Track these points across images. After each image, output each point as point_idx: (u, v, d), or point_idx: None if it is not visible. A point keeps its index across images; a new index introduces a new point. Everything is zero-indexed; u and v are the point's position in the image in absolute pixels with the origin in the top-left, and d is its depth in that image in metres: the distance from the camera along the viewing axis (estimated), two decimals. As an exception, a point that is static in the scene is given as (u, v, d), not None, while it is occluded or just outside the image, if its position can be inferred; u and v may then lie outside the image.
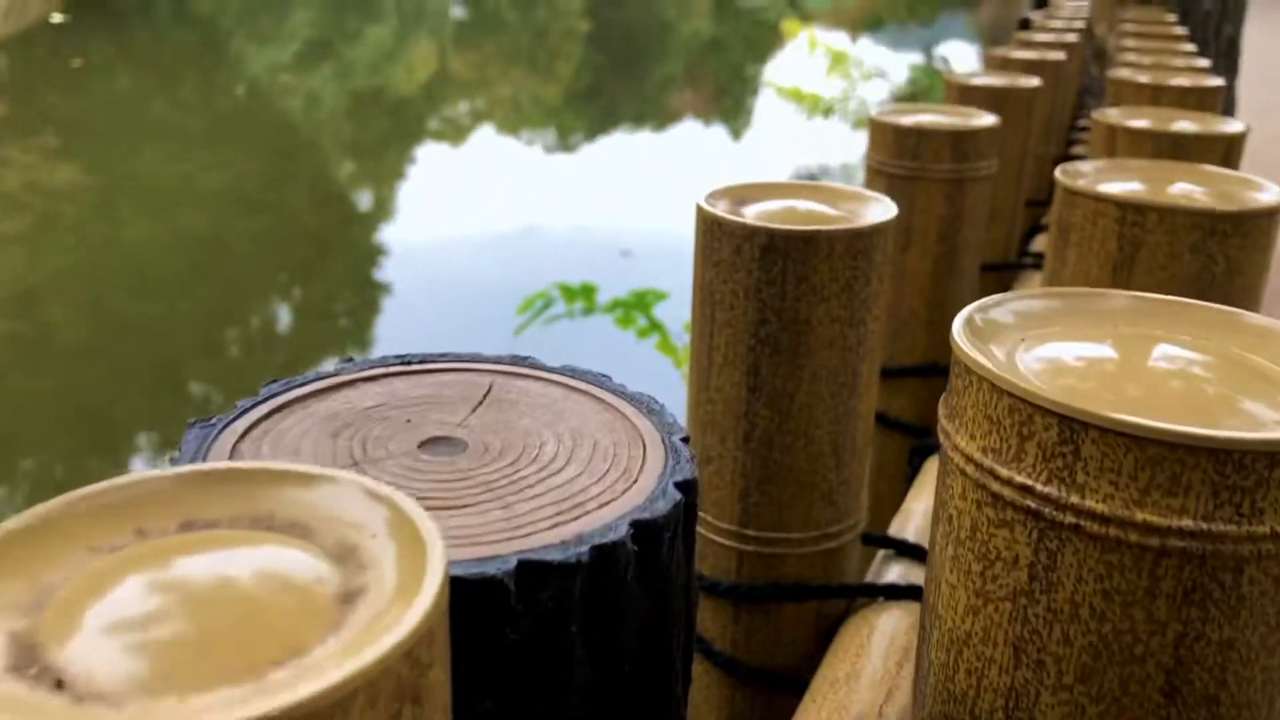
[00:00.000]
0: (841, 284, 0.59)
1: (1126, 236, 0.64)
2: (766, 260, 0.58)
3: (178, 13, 21.38)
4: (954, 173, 0.93)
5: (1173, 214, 0.64)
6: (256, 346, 6.43)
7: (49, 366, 5.94)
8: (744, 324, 0.60)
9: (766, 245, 0.58)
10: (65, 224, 8.28)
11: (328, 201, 9.52)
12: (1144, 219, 0.64)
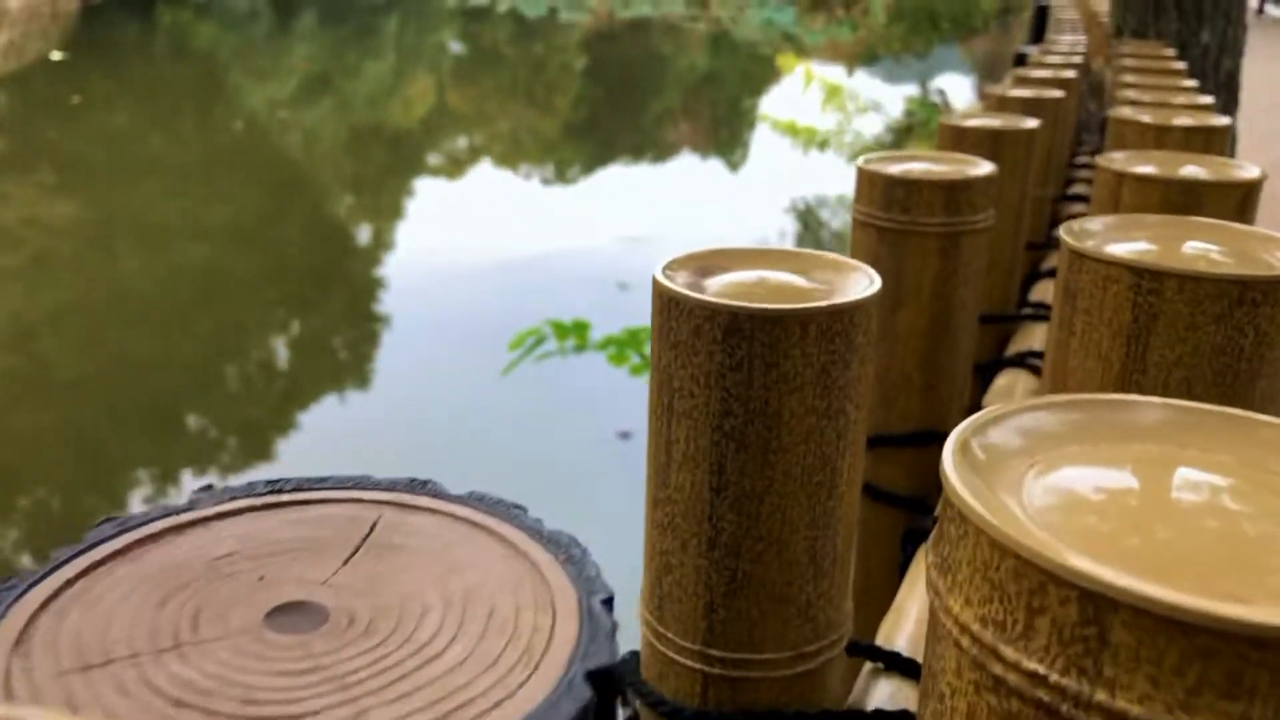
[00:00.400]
0: (817, 370, 0.51)
1: (1142, 306, 0.56)
2: (730, 343, 0.49)
3: (176, 49, 21.46)
4: (948, 226, 0.85)
5: (1195, 281, 0.56)
6: (255, 381, 6.38)
7: (47, 402, 5.88)
8: (706, 415, 0.51)
9: (730, 327, 0.50)
10: (63, 259, 8.25)
11: (326, 235, 9.49)
12: (1161, 286, 0.56)
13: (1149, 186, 0.82)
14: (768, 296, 0.53)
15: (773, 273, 0.57)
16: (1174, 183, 0.82)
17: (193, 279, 7.94)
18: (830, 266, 0.58)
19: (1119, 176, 0.85)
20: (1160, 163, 0.89)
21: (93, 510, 4.94)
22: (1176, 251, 0.62)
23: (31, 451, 5.38)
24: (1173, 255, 0.61)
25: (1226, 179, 0.83)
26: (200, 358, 6.48)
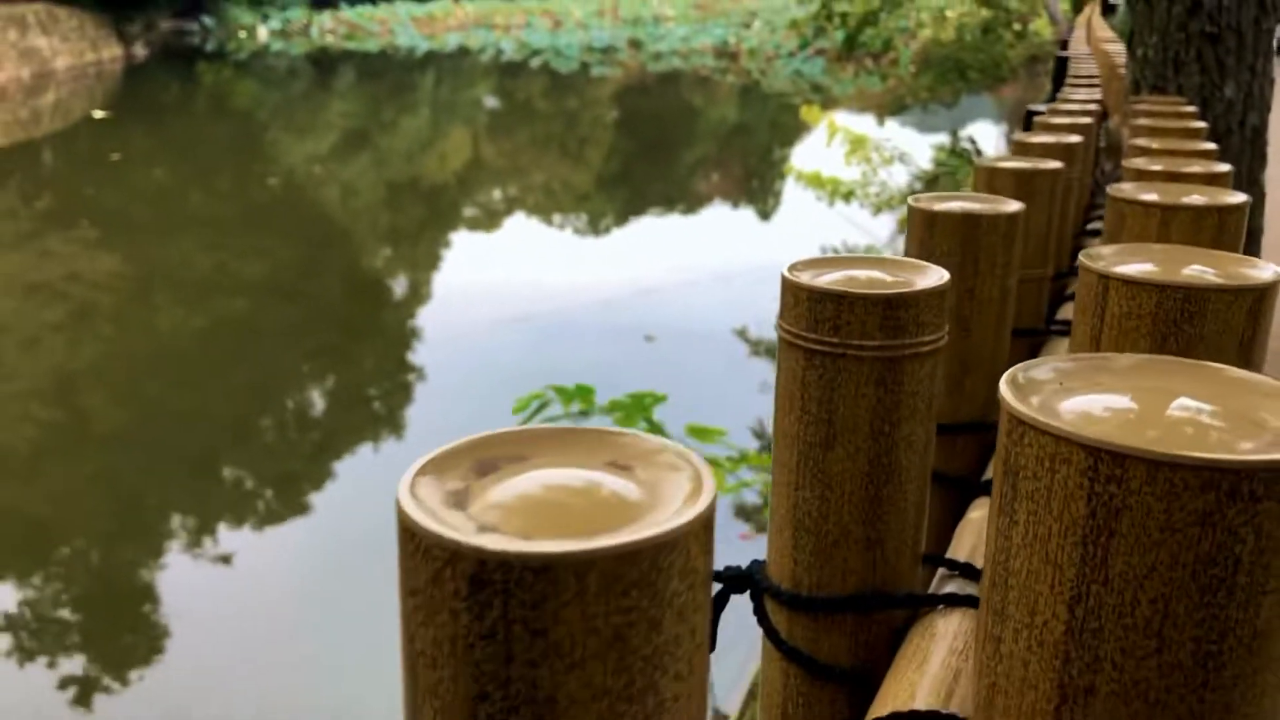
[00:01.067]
0: (606, 638, 0.35)
1: (1101, 497, 0.42)
2: (478, 600, 0.35)
3: (217, 107, 21.95)
4: (887, 350, 0.71)
5: (1171, 469, 0.42)
6: (290, 431, 6.47)
7: (86, 453, 5.99)
8: (457, 696, 0.36)
9: (476, 575, 0.35)
10: (103, 313, 8.43)
11: (361, 288, 9.64)
12: (1125, 473, 0.42)
13: (1141, 293, 0.70)
14: (546, 522, 0.37)
15: (577, 472, 0.40)
16: (1170, 289, 0.70)
17: (230, 332, 8.09)
18: (650, 457, 0.41)
19: (1103, 280, 0.72)
20: (1159, 259, 0.76)
21: (130, 561, 5.02)
22: (1153, 414, 0.47)
23: (70, 502, 5.48)
24: (1146, 422, 0.46)
25: (1235, 283, 0.70)
26: (236, 409, 6.59)
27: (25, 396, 6.62)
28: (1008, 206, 1.02)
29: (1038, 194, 1.27)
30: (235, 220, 11.65)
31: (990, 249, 1.02)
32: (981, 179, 1.29)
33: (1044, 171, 1.31)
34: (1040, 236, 1.33)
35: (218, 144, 16.85)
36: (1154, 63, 2.51)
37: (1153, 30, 2.48)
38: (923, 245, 1.01)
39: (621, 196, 13.83)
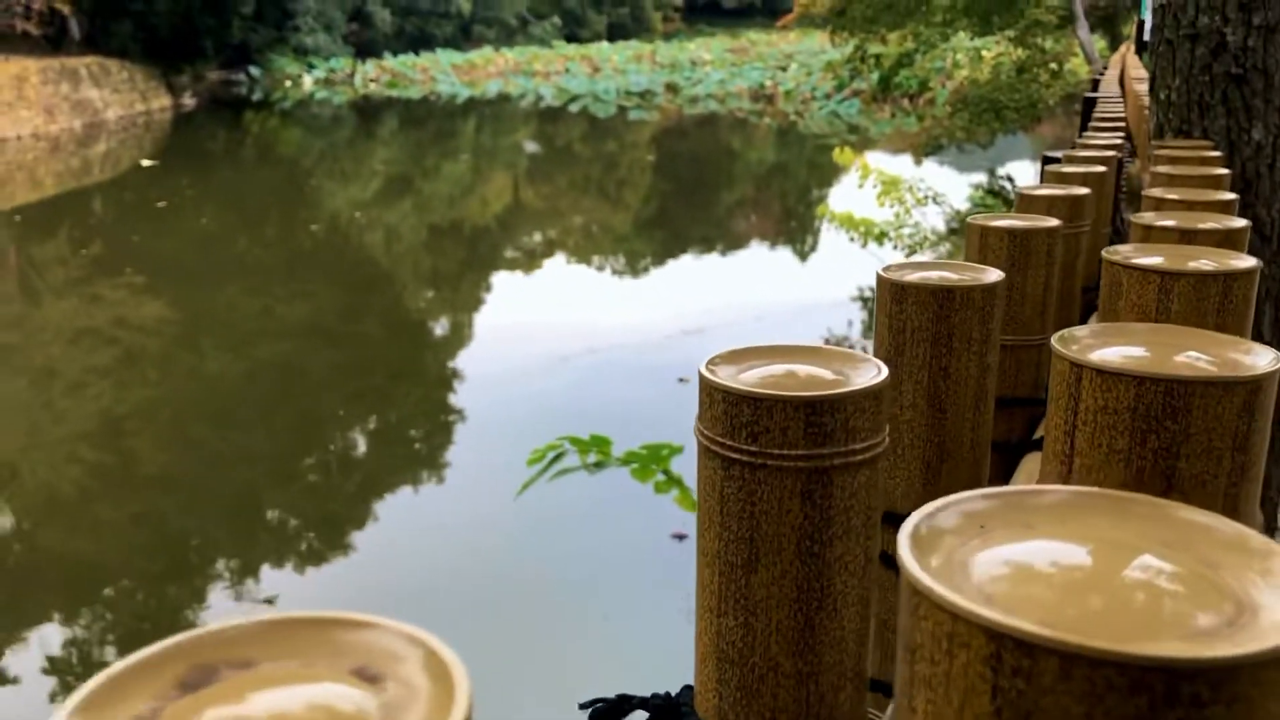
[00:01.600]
0: None
1: (1006, 694, 0.34)
2: None
3: (262, 154, 22.36)
4: (813, 459, 0.62)
5: (1091, 665, 0.33)
6: (333, 474, 6.53)
7: (132, 495, 6.08)
8: None
9: None
10: (150, 357, 8.58)
11: (402, 331, 9.75)
12: (1036, 666, 0.33)
13: (1117, 385, 0.61)
14: None
15: (308, 689, 0.32)
16: (1150, 381, 0.61)
17: (273, 375, 8.21)
18: (403, 661, 0.34)
19: (1076, 369, 0.64)
20: (1143, 341, 0.68)
21: (175, 602, 5.08)
22: (1082, 580, 0.38)
23: (116, 543, 5.56)
24: (1070, 593, 0.37)
25: (1226, 374, 0.61)
26: (280, 452, 6.66)
27: (72, 439, 6.74)
28: (986, 277, 0.93)
29: (1034, 254, 1.18)
30: (280, 265, 11.83)
31: (965, 325, 0.91)
32: (972, 240, 1.17)
33: (1039, 231, 1.18)
34: (1037, 301, 1.20)
35: (263, 190, 17.15)
36: (1178, 106, 2.41)
37: (1175, 72, 2.41)
38: (892, 320, 0.92)
39: (659, 238, 13.92)
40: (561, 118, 28.61)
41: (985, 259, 1.15)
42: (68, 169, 18.29)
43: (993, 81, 13.54)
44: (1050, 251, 1.19)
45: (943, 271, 0.94)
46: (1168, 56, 2.44)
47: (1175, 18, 2.42)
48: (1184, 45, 2.39)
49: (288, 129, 25.98)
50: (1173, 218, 1.17)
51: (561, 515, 4.71)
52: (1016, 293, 1.15)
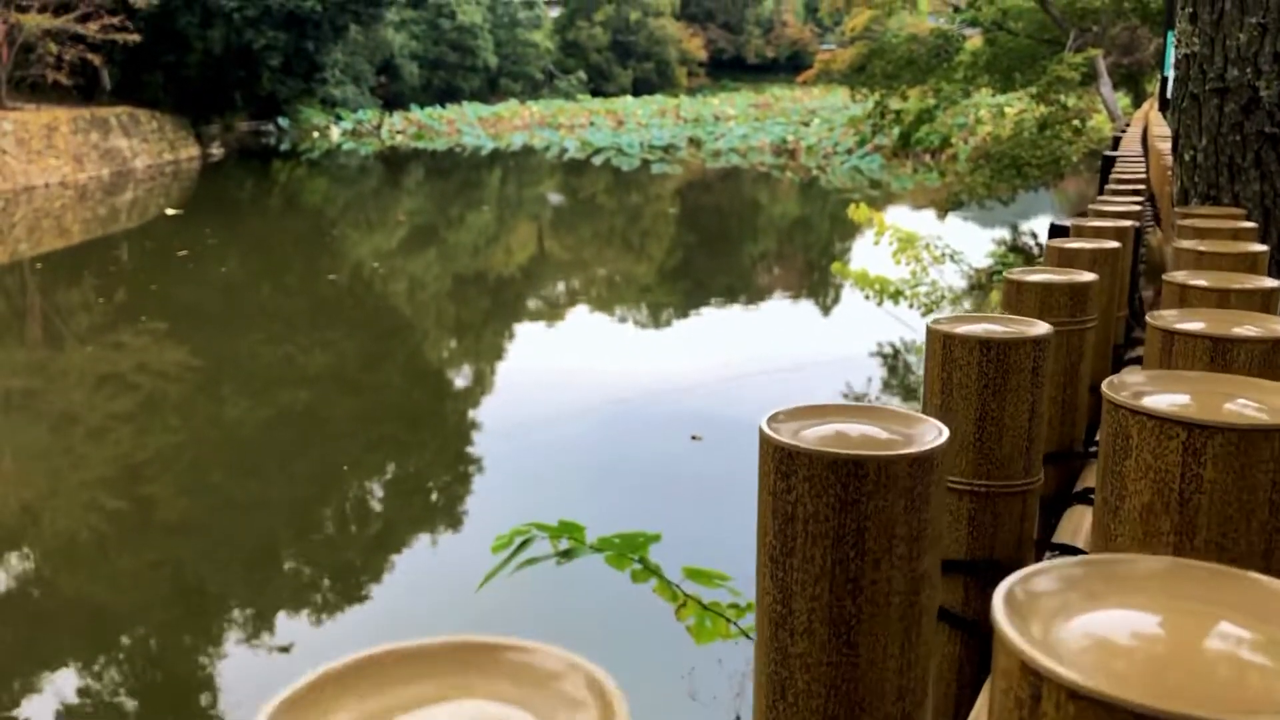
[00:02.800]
0: None
1: None
2: None
3: (288, 204, 22.60)
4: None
5: None
6: (350, 523, 6.51)
7: (149, 542, 6.07)
8: None
9: None
10: (171, 404, 8.60)
11: (423, 381, 9.76)
12: None
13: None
14: None
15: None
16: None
17: (293, 423, 8.21)
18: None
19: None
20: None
21: (190, 649, 5.05)
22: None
23: (131, 591, 5.54)
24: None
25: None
26: (298, 500, 6.65)
27: (92, 485, 6.75)
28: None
29: (1015, 372, 0.91)
30: (302, 313, 11.90)
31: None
32: (932, 349, 0.95)
33: (1023, 341, 0.92)
34: (1019, 436, 0.95)
35: (287, 239, 17.30)
36: (1205, 168, 2.12)
37: (1201, 131, 2.13)
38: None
39: (681, 289, 13.93)
40: (585, 170, 28.84)
41: (950, 380, 0.95)
42: (94, 216, 18.51)
43: (1015, 138, 13.58)
44: (1037, 368, 0.93)
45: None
46: (1193, 113, 2.17)
47: (1201, 70, 2.13)
48: (1211, 101, 2.12)
49: (314, 179, 26.27)
50: (1201, 317, 0.94)
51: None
52: (991, 427, 0.93)
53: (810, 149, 31.58)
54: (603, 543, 1.94)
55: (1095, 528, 0.69)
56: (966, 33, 16.09)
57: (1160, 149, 3.68)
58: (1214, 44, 2.10)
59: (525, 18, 48.58)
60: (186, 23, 26.93)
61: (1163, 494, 0.62)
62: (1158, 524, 0.63)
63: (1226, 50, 2.08)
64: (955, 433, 0.88)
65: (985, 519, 0.95)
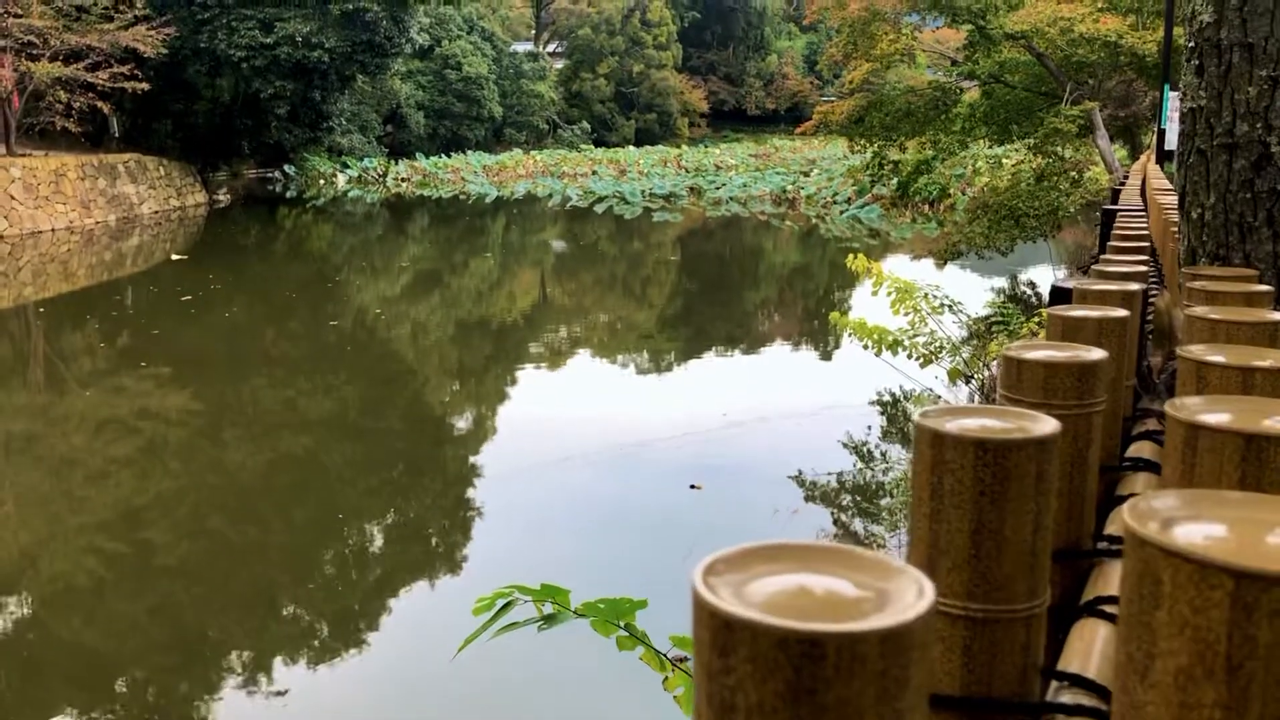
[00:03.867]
0: None
1: None
2: None
3: (293, 250, 22.75)
4: None
5: None
6: (348, 568, 6.51)
7: (147, 587, 6.06)
8: None
9: None
10: (172, 448, 8.63)
11: (424, 425, 9.79)
12: None
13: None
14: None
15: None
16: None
17: (294, 468, 8.23)
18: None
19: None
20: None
21: (187, 695, 5.04)
22: None
23: (128, 636, 5.53)
24: None
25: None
26: (297, 545, 6.65)
27: (91, 529, 6.76)
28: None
29: (1017, 478, 0.80)
30: (304, 359, 11.95)
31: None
32: (920, 449, 0.82)
33: (1026, 443, 0.79)
34: (1022, 549, 0.82)
35: (290, 284, 17.40)
36: (1213, 227, 2.02)
37: (1209, 188, 2.04)
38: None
39: (682, 336, 13.99)
40: (588, 218, 29.04)
41: (940, 485, 0.81)
42: (99, 261, 18.64)
43: (1012, 189, 13.71)
44: (1042, 475, 0.81)
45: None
46: (1200, 169, 2.06)
47: (1208, 124, 2.03)
48: (1219, 156, 2.02)
49: (319, 225, 26.46)
50: (1226, 406, 0.84)
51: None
52: (989, 541, 0.80)
53: (810, 198, 31.83)
54: (587, 608, 1.93)
55: (1120, 693, 0.57)
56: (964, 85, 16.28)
57: (1161, 203, 3.54)
58: (1221, 98, 2.02)
59: (530, 69, 49.13)
60: (195, 72, 27.27)
61: (1205, 659, 0.51)
62: (1199, 695, 0.52)
63: (1235, 104, 1.99)
64: (947, 548, 0.79)
65: (982, 648, 0.82)
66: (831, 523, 6.72)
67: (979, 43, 14.37)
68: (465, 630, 2.02)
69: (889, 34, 14.98)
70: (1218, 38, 1.98)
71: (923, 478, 0.81)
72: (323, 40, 27.25)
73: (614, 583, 6.11)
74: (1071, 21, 12.25)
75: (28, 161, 20.43)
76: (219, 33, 26.76)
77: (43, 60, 20.60)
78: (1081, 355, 1.09)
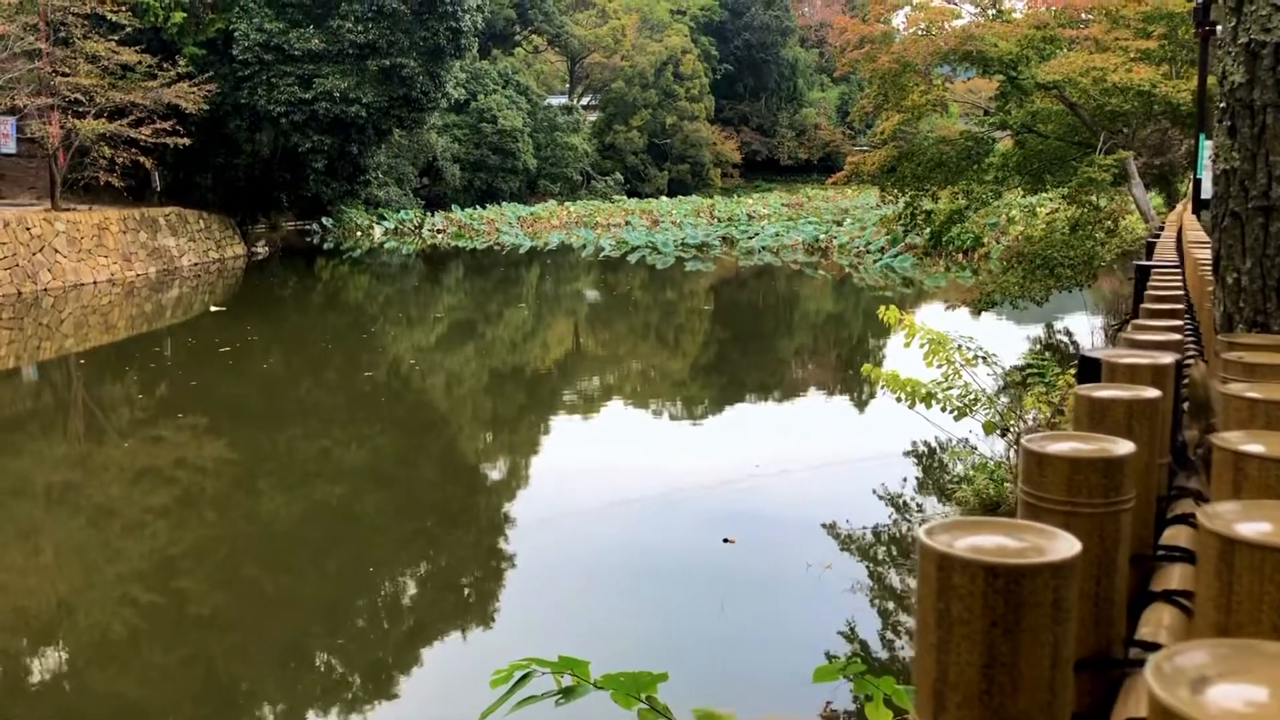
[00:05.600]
0: None
1: None
2: None
3: (330, 301, 22.98)
4: None
5: None
6: (382, 619, 6.50)
7: (181, 637, 6.08)
8: None
9: None
10: (207, 498, 8.69)
11: (458, 474, 9.80)
12: None
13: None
14: None
15: None
16: None
17: (328, 518, 8.26)
18: None
19: None
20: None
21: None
22: None
23: (160, 687, 5.54)
24: None
25: None
26: (330, 595, 6.66)
27: (127, 579, 6.80)
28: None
29: (1032, 607, 0.73)
30: (339, 408, 12.03)
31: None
32: (925, 572, 0.75)
33: (1042, 569, 0.72)
34: (1039, 691, 0.75)
35: (327, 335, 17.56)
36: (1250, 292, 1.96)
37: (1245, 252, 1.98)
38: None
39: (715, 385, 13.97)
40: (621, 267, 29.18)
41: (948, 613, 0.74)
42: (140, 313, 18.90)
43: (1047, 238, 13.64)
44: (1059, 603, 0.74)
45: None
46: (1235, 232, 2.00)
47: (1243, 187, 1.98)
48: (1255, 220, 1.96)
49: (356, 276, 26.73)
50: (1268, 515, 0.74)
51: None
52: (1003, 677, 0.73)
53: (842, 247, 31.86)
54: (607, 680, 1.89)
55: None
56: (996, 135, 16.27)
57: (1197, 257, 3.40)
58: (1255, 160, 1.96)
59: (564, 122, 49.65)
60: (236, 127, 27.78)
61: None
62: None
63: (1270, 166, 1.93)
64: (956, 681, 0.74)
65: None
66: (866, 575, 6.65)
67: (1011, 93, 14.38)
68: (492, 691, 2.00)
69: (920, 85, 15.03)
70: (1250, 99, 1.93)
71: (928, 603, 0.75)
72: (360, 95, 27.70)
73: (648, 638, 6.08)
74: (1104, 71, 12.24)
75: (72, 215, 20.82)
76: (259, 89, 27.27)
77: (88, 117, 21.05)
78: (1108, 449, 1.00)
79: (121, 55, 21.77)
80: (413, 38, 28.01)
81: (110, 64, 21.77)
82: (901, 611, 6.07)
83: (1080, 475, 0.98)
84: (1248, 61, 1.92)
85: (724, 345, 17.60)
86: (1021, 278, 13.00)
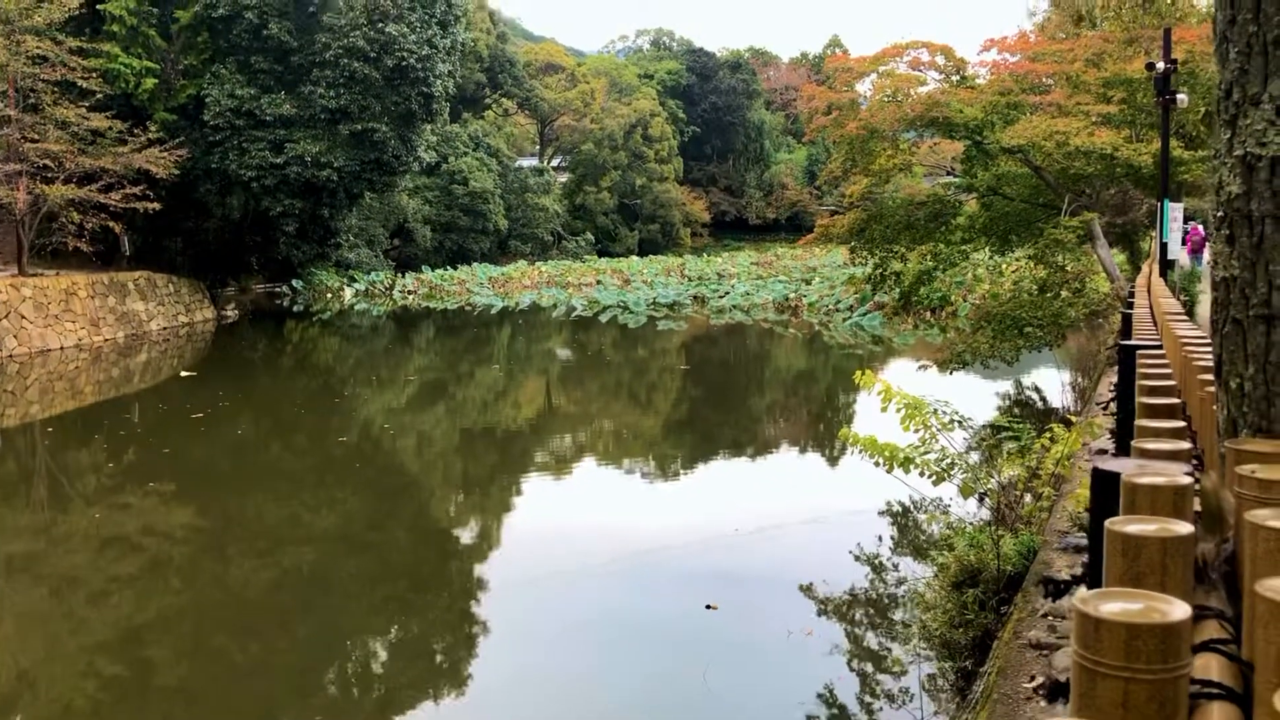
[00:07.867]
0: None
1: None
2: None
3: (300, 364, 22.86)
4: None
5: None
6: (352, 688, 6.40)
7: (146, 710, 5.94)
8: None
9: None
10: (175, 565, 8.54)
11: (429, 538, 9.70)
12: None
13: None
14: None
15: None
16: None
17: (297, 584, 8.14)
18: None
19: None
20: None
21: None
22: None
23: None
24: None
25: None
26: (300, 663, 6.54)
27: (91, 650, 6.66)
28: None
29: None
30: (310, 473, 11.92)
31: None
32: None
33: None
34: None
35: (297, 399, 17.44)
36: (1254, 398, 1.99)
37: (1248, 359, 2.01)
38: None
39: (688, 444, 13.95)
40: (592, 327, 29.26)
41: None
42: (108, 379, 18.72)
43: (1015, 299, 13.80)
44: None
45: None
46: (1236, 339, 2.04)
47: (1244, 294, 2.01)
48: (1256, 327, 2.00)
49: (326, 339, 26.64)
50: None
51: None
52: None
53: (812, 306, 32.11)
54: None
55: None
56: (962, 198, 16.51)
57: (1178, 334, 3.42)
58: (1255, 268, 2.00)
59: (535, 183, 49.99)
60: (206, 191, 27.79)
61: None
62: None
63: (1271, 275, 1.97)
64: None
65: None
66: (845, 638, 6.61)
67: (977, 157, 14.64)
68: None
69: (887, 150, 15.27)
70: (1248, 209, 1.97)
71: None
72: (332, 160, 27.79)
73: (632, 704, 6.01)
74: (1067, 135, 12.48)
75: (39, 281, 20.69)
76: (230, 153, 27.33)
77: (57, 183, 21.00)
78: (1164, 612, 0.96)
79: (92, 121, 21.79)
80: (384, 103, 28.20)
81: (80, 130, 21.78)
82: (880, 673, 6.04)
83: (1138, 641, 0.94)
84: (1244, 174, 1.95)
85: (698, 403, 17.62)
86: (992, 338, 13.13)
